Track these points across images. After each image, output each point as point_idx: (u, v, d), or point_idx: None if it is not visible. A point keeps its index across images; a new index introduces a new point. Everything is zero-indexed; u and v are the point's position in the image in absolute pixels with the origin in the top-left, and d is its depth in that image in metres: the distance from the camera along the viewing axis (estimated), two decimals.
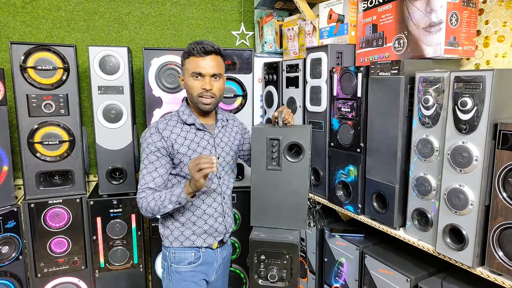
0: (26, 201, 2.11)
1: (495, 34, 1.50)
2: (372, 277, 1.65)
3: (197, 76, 1.57)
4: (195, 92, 1.59)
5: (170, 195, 1.52)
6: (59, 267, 2.22)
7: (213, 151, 1.65)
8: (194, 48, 1.56)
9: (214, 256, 1.71)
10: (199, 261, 1.66)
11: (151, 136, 1.57)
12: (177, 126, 1.61)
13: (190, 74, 1.58)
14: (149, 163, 1.56)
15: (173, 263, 1.65)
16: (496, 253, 1.17)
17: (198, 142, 1.62)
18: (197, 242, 1.65)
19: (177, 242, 1.65)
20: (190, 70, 1.57)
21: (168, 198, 1.52)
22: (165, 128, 1.59)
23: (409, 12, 1.53)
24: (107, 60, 2.13)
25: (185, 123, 1.63)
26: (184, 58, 1.61)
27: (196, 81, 1.58)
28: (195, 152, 1.60)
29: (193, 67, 1.57)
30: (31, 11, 2.41)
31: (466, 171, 1.22)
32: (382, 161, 1.56)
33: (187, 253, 1.65)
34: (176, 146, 1.58)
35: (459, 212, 1.25)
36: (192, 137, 1.62)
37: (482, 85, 1.16)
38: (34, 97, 2.05)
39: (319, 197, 2.00)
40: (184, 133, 1.61)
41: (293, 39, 2.37)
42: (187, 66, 1.59)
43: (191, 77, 1.58)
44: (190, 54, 1.58)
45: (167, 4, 2.66)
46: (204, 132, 1.65)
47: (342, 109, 1.74)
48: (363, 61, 1.80)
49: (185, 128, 1.62)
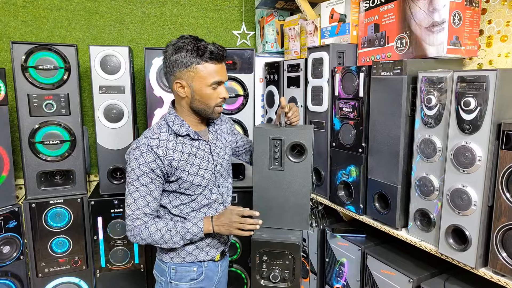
0: (27, 201, 2.11)
1: (498, 33, 1.50)
2: (374, 277, 1.64)
3: (215, 86, 1.41)
4: (213, 102, 1.42)
5: (185, 232, 1.42)
6: (60, 267, 2.22)
7: (210, 159, 1.52)
8: (213, 52, 1.36)
9: (215, 269, 1.62)
10: (201, 277, 1.57)
11: (143, 156, 1.37)
12: (170, 140, 1.42)
13: (209, 84, 1.38)
14: (141, 185, 1.38)
15: (174, 279, 1.53)
16: (500, 254, 1.16)
17: (195, 153, 1.47)
18: (200, 256, 1.54)
19: (179, 257, 1.52)
20: (209, 79, 1.38)
21: (181, 235, 1.42)
22: (159, 145, 1.39)
23: (412, 12, 1.52)
24: (108, 59, 2.12)
25: (178, 134, 1.45)
26: (191, 62, 1.36)
27: (214, 91, 1.41)
28: (193, 166, 1.45)
29: (213, 75, 1.38)
30: (32, 11, 2.40)
31: (469, 171, 1.21)
32: (384, 161, 1.55)
33: (189, 269, 1.54)
34: (174, 163, 1.41)
35: (462, 212, 1.24)
36: (188, 149, 1.45)
37: (485, 85, 1.15)
38: (35, 97, 2.05)
39: (320, 197, 1.99)
40: (180, 147, 1.43)
41: (294, 39, 2.36)
42: (200, 74, 1.37)
43: (209, 86, 1.39)
44: (203, 58, 1.36)
45: (168, 3, 2.66)
46: (199, 141, 1.50)
47: (344, 109, 1.74)
48: (365, 60, 1.80)
49: (179, 141, 1.44)
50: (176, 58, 1.37)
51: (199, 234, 1.44)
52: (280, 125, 1.57)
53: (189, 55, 1.36)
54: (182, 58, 1.36)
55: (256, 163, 1.57)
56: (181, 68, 1.38)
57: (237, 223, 1.41)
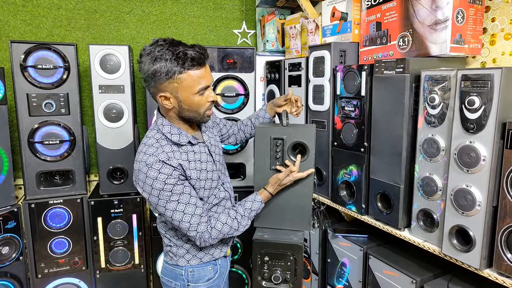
0: (27, 201, 2.10)
1: (501, 31, 1.48)
2: (376, 278, 1.63)
3: (202, 92, 1.35)
4: (203, 108, 1.38)
5: (249, 212, 1.47)
6: (60, 268, 2.21)
7: (211, 159, 1.50)
8: (193, 57, 1.28)
9: (226, 265, 1.64)
10: (217, 275, 1.57)
11: (161, 171, 1.30)
12: (174, 151, 1.37)
13: (196, 92, 1.32)
14: (180, 195, 1.33)
15: (191, 282, 1.51)
16: (505, 255, 1.14)
17: (199, 159, 1.44)
18: (215, 254, 1.55)
19: (196, 259, 1.51)
20: (195, 87, 1.31)
21: (247, 216, 1.47)
22: (168, 158, 1.34)
23: (414, 10, 1.51)
24: (107, 59, 2.11)
25: (179, 144, 1.40)
26: (173, 72, 1.27)
27: (202, 97, 1.35)
28: (202, 171, 1.43)
29: (197, 82, 1.31)
30: (32, 10, 2.39)
31: (473, 171, 1.20)
32: (387, 161, 1.54)
33: (206, 270, 1.54)
34: (188, 172, 1.38)
35: (466, 213, 1.23)
36: (192, 156, 1.42)
37: (490, 83, 1.13)
38: (34, 96, 2.03)
39: (322, 197, 1.98)
40: (185, 156, 1.39)
41: (295, 38, 2.34)
42: (185, 84, 1.30)
43: (196, 94, 1.33)
44: (185, 67, 1.28)
45: (168, 2, 2.64)
46: (198, 145, 1.47)
47: (346, 108, 1.72)
48: (367, 59, 1.78)
49: (182, 150, 1.40)
50: (154, 69, 1.27)
51: (261, 206, 1.50)
52: (281, 124, 1.56)
53: (169, 65, 1.26)
54: (163, 69, 1.27)
55: (257, 163, 1.55)
56: (163, 80, 1.29)
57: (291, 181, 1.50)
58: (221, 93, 2.28)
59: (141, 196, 2.25)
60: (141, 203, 2.26)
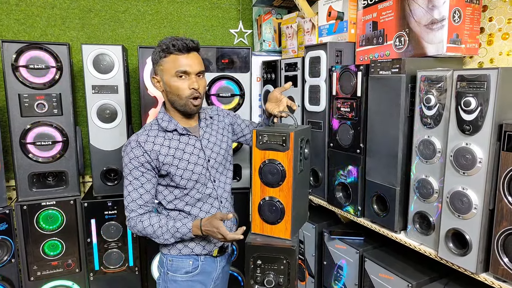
0: (19, 203, 2.07)
1: (499, 31, 1.46)
2: (372, 281, 1.60)
3: (181, 76, 1.45)
4: (183, 93, 1.46)
5: (174, 231, 1.48)
6: (53, 270, 2.18)
7: (201, 154, 1.54)
8: (174, 44, 1.42)
9: (213, 265, 1.63)
10: (197, 271, 1.59)
11: (133, 151, 1.46)
12: (158, 136, 1.49)
13: (174, 74, 1.44)
14: (133, 179, 1.47)
15: (170, 270, 1.58)
16: (501, 259, 1.12)
17: (183, 148, 1.51)
18: (196, 249, 1.57)
19: (175, 249, 1.57)
20: (173, 69, 1.44)
21: (171, 233, 1.48)
22: (147, 141, 1.47)
23: (410, 9, 1.48)
24: (101, 58, 2.08)
25: (166, 130, 1.51)
26: (159, 56, 1.46)
27: (181, 81, 1.45)
28: (182, 160, 1.49)
29: (176, 65, 1.44)
30: (25, 9, 2.36)
31: (469, 173, 1.17)
32: (383, 162, 1.51)
33: (184, 262, 1.57)
34: (161, 158, 1.47)
35: (463, 216, 1.20)
36: (176, 144, 1.50)
37: (486, 84, 1.11)
38: (26, 97, 2.00)
39: (318, 199, 1.95)
40: (168, 142, 1.49)
41: (291, 37, 2.32)
42: (166, 66, 1.45)
43: (174, 77, 1.45)
44: (168, 52, 1.43)
45: (164, 1, 2.62)
46: (188, 136, 1.54)
47: (342, 109, 1.70)
48: (363, 59, 1.76)
49: (167, 136, 1.50)
50: (152, 57, 1.52)
51: (188, 234, 1.49)
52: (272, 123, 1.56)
53: (158, 51, 1.47)
54: (154, 55, 1.49)
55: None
56: (154, 65, 1.51)
57: (221, 232, 1.42)
58: (216, 93, 2.26)
59: None
60: None
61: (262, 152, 1.46)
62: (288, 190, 1.43)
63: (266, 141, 1.44)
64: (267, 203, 1.47)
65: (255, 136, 1.46)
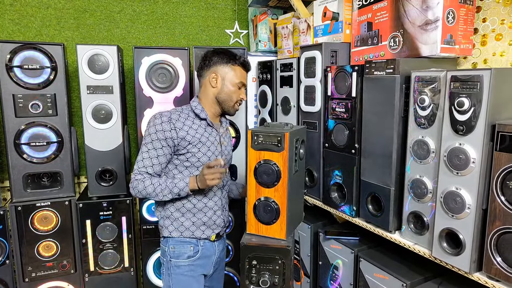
0: (13, 203, 2.06)
1: (492, 32, 1.47)
2: (367, 281, 1.61)
3: (240, 87, 1.73)
4: (234, 99, 1.72)
5: (172, 186, 1.59)
6: (48, 271, 2.17)
7: (219, 147, 1.74)
8: (246, 62, 1.74)
9: (212, 249, 1.77)
10: (198, 255, 1.71)
11: (162, 124, 1.60)
12: (188, 119, 1.67)
13: (236, 83, 1.70)
14: (152, 148, 1.61)
15: (173, 257, 1.70)
16: (494, 258, 1.13)
17: (207, 136, 1.69)
18: (196, 233, 1.71)
19: (177, 232, 1.70)
20: (237, 79, 1.70)
21: (169, 189, 1.59)
22: (178, 119, 1.63)
23: (405, 10, 1.49)
24: (96, 59, 2.07)
25: (198, 116, 1.69)
26: (228, 61, 1.69)
27: (238, 90, 1.72)
28: (204, 145, 1.67)
29: (240, 77, 1.72)
30: (20, 9, 2.35)
31: (463, 173, 1.18)
32: (377, 162, 1.52)
33: (186, 247, 1.70)
34: (188, 137, 1.63)
35: (456, 216, 1.21)
36: (202, 131, 1.68)
37: (479, 84, 1.11)
38: (20, 97, 1.99)
39: (313, 199, 1.96)
40: (196, 126, 1.67)
41: (287, 38, 2.32)
42: (232, 73, 1.70)
43: (235, 86, 1.71)
44: (240, 64, 1.71)
45: (160, 2, 2.61)
46: (212, 128, 1.73)
47: (337, 109, 1.70)
48: (358, 60, 1.76)
49: (196, 122, 1.68)
50: (216, 58, 1.70)
51: (185, 189, 1.60)
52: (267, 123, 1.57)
53: (227, 57, 1.71)
54: (222, 59, 1.70)
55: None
56: (219, 64, 1.70)
57: (208, 174, 1.53)
58: None
59: (130, 198, 2.22)
60: (131, 205, 2.23)
61: (257, 153, 1.46)
62: (283, 190, 1.44)
63: (261, 141, 1.44)
64: (262, 204, 1.47)
65: (250, 136, 1.46)
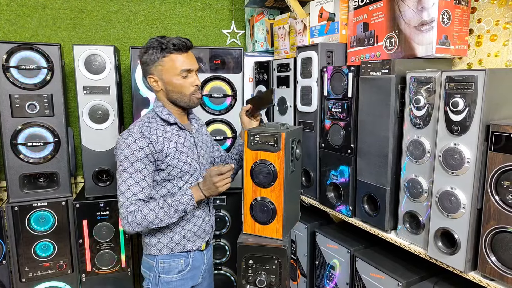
0: (10, 204, 2.05)
1: (487, 33, 1.48)
2: (363, 281, 1.61)
3: (185, 75, 1.50)
4: (187, 91, 1.51)
5: (176, 204, 1.44)
6: (45, 271, 2.16)
7: (195, 150, 1.60)
8: (175, 44, 1.46)
9: (201, 259, 1.68)
10: (188, 268, 1.61)
11: (136, 142, 1.42)
12: (159, 128, 1.50)
13: (178, 73, 1.48)
14: (135, 171, 1.42)
15: (162, 273, 1.57)
16: (489, 257, 1.14)
17: (182, 142, 1.55)
18: (187, 246, 1.59)
19: (167, 249, 1.56)
20: (176, 69, 1.48)
21: (174, 208, 1.44)
22: (150, 132, 1.46)
23: (400, 10, 1.50)
24: (92, 59, 2.07)
25: (167, 122, 1.53)
26: (157, 56, 1.47)
27: (185, 79, 1.50)
28: (182, 153, 1.53)
29: (179, 64, 1.48)
30: (16, 9, 2.34)
31: (458, 173, 1.19)
32: (373, 162, 1.53)
33: (176, 262, 1.58)
34: (165, 150, 1.48)
35: (451, 215, 1.22)
36: (176, 138, 1.53)
37: (474, 85, 1.12)
38: (17, 98, 1.99)
39: (310, 199, 1.96)
40: (169, 135, 1.52)
41: (284, 38, 2.33)
42: (167, 65, 1.48)
43: (178, 75, 1.49)
44: (168, 51, 1.47)
45: (156, 2, 2.61)
46: (184, 131, 1.58)
47: (333, 110, 1.71)
48: (354, 60, 1.77)
49: (167, 129, 1.53)
50: (145, 57, 1.50)
51: (191, 202, 1.47)
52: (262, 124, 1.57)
53: (155, 51, 1.48)
54: (150, 56, 1.49)
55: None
56: (151, 65, 1.50)
57: (220, 181, 1.46)
58: (208, 94, 2.26)
59: None
60: None
61: (254, 153, 1.46)
62: (279, 190, 1.44)
63: (258, 141, 1.45)
64: (259, 204, 1.47)
65: (246, 136, 1.46)
